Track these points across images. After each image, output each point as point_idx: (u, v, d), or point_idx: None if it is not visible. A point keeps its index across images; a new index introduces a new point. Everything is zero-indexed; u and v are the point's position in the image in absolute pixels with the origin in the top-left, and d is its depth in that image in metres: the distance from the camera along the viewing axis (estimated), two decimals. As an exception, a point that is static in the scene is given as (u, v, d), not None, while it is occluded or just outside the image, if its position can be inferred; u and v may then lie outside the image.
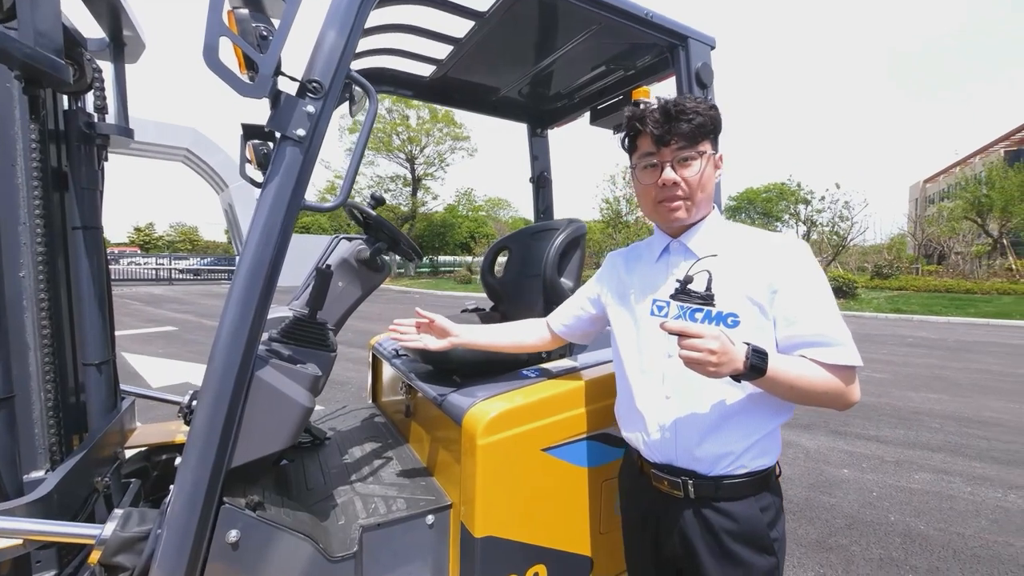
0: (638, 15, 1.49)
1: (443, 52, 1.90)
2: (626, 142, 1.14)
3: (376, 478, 1.56)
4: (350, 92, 1.50)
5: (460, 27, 1.70)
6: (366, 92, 1.21)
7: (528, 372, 1.54)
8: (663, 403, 1.09)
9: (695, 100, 1.04)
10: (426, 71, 2.07)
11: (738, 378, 0.92)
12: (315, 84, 1.07)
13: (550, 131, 2.64)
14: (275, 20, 1.09)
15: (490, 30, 1.64)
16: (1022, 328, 10.95)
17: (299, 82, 1.09)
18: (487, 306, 2.29)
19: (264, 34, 1.05)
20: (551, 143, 2.67)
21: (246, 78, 1.04)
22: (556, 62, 1.89)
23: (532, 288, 1.87)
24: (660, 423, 1.09)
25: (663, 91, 1.95)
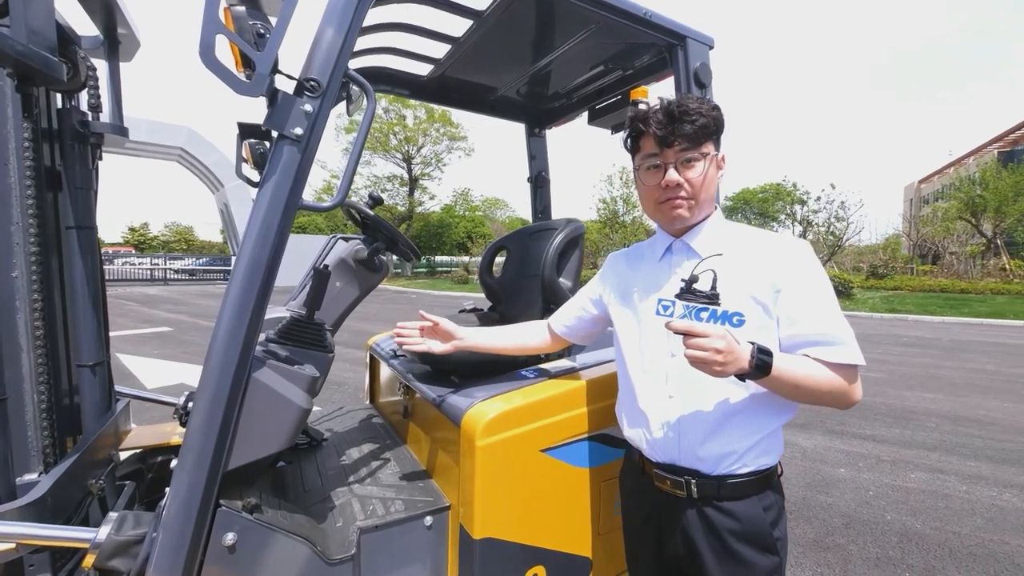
0: (637, 14, 1.49)
1: (441, 51, 1.90)
2: (629, 143, 1.14)
3: (374, 479, 1.55)
4: (347, 91, 1.49)
5: (458, 26, 1.69)
6: (364, 91, 1.20)
7: (527, 372, 1.54)
8: (666, 402, 1.08)
9: (698, 101, 1.03)
10: (424, 70, 2.06)
11: (743, 377, 0.92)
12: (313, 82, 1.06)
13: (548, 131, 2.64)
14: (272, 18, 1.07)
15: (488, 29, 1.64)
16: (1016, 328, 11.04)
17: (296, 80, 1.08)
18: (485, 306, 2.29)
19: (261, 32, 1.04)
20: (548, 143, 2.67)
21: (243, 76, 1.03)
22: (554, 61, 1.89)
23: (530, 288, 1.86)
24: (663, 422, 1.08)
25: (661, 91, 1.95)
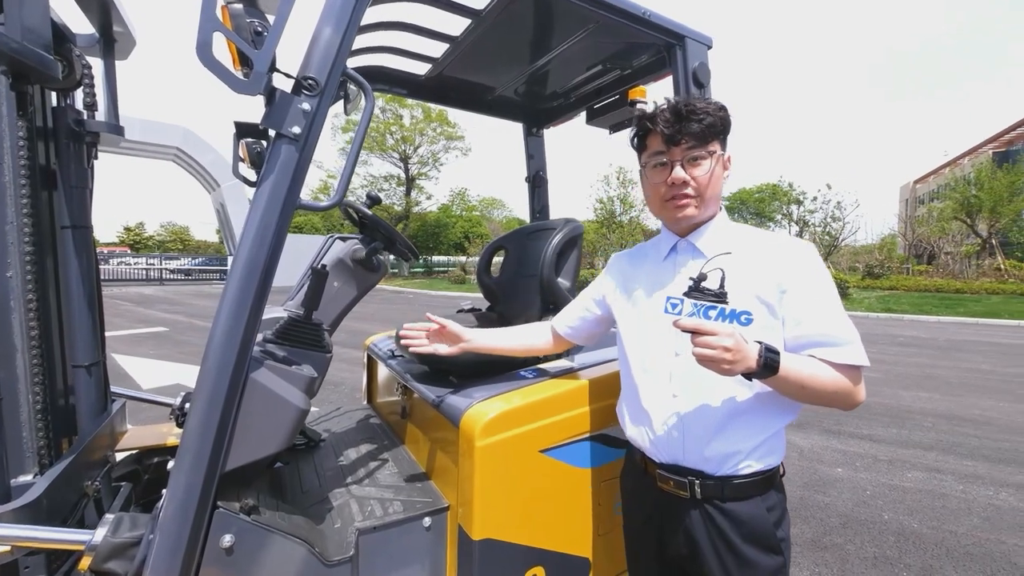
0: (636, 14, 1.49)
1: (439, 50, 1.89)
2: (636, 141, 1.14)
3: (372, 480, 1.55)
4: (345, 90, 1.48)
5: (456, 25, 1.69)
6: (362, 90, 1.19)
7: (525, 373, 1.53)
8: (670, 402, 1.08)
9: (705, 101, 1.05)
10: (421, 69, 2.05)
11: (750, 376, 0.92)
12: (311, 81, 1.06)
13: (545, 130, 2.63)
14: (270, 16, 1.07)
15: (486, 28, 1.63)
16: (1011, 327, 11.10)
17: (294, 79, 1.07)
18: (483, 306, 2.28)
19: (259, 30, 1.04)
20: (546, 142, 2.67)
21: (240, 74, 1.02)
22: (553, 61, 1.88)
23: (529, 288, 1.86)
24: (667, 422, 1.08)
25: (659, 91, 1.95)
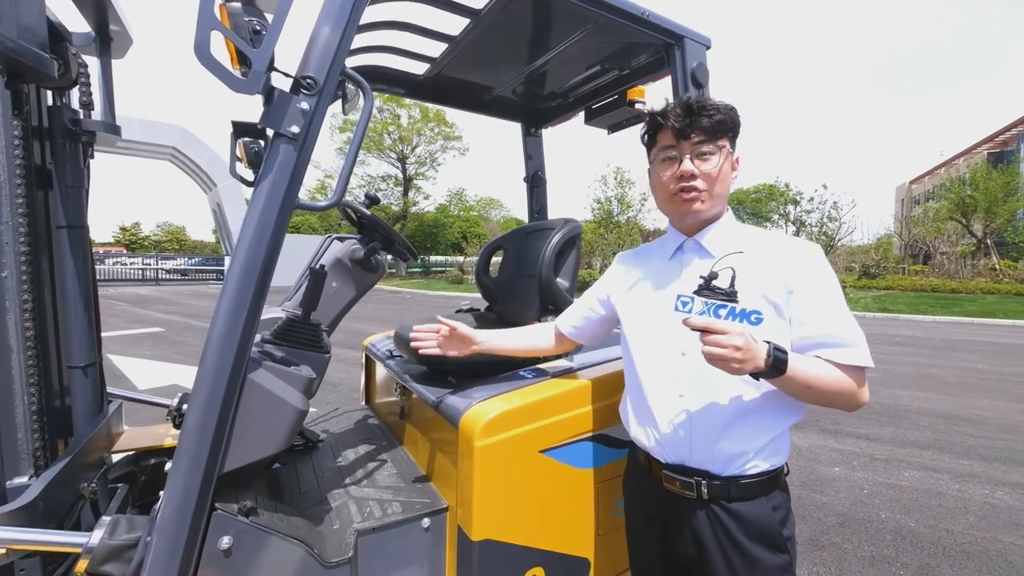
0: (635, 14, 1.49)
1: (437, 50, 1.89)
2: (646, 137, 1.15)
3: (371, 481, 1.54)
4: (343, 89, 1.48)
5: (455, 25, 1.68)
6: (361, 89, 1.19)
7: (524, 373, 1.53)
8: (676, 401, 1.08)
9: (716, 100, 1.06)
10: (420, 69, 2.05)
11: (757, 376, 0.92)
12: (309, 80, 1.05)
13: (544, 130, 2.63)
14: (268, 15, 1.06)
15: (485, 28, 1.63)
16: (1006, 327, 11.16)
17: (293, 78, 1.07)
18: (481, 306, 2.28)
19: (257, 29, 1.03)
20: (543, 142, 2.66)
21: (238, 73, 1.02)
22: (551, 61, 1.88)
23: (528, 288, 1.86)
24: (673, 422, 1.08)
25: (658, 91, 1.95)
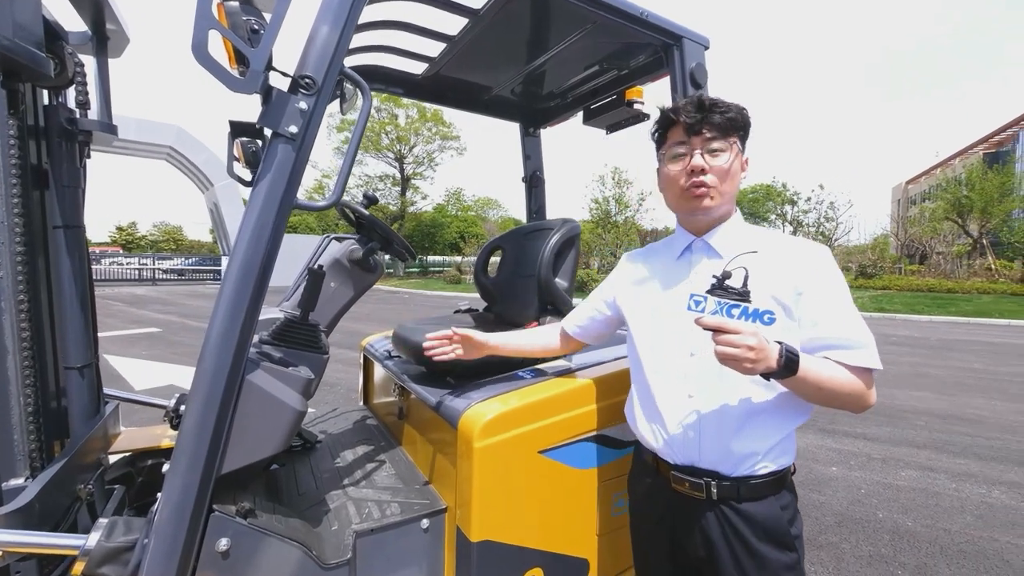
0: (634, 14, 1.49)
1: (436, 50, 1.88)
2: (656, 135, 1.15)
3: (369, 482, 1.54)
4: (341, 89, 1.47)
5: (454, 24, 1.68)
6: (360, 89, 1.19)
7: (523, 373, 1.53)
8: (685, 402, 1.07)
9: (727, 100, 1.06)
10: (418, 69, 2.04)
11: (768, 376, 0.92)
12: (308, 80, 1.05)
13: (542, 131, 2.63)
14: (266, 14, 1.06)
15: (484, 28, 1.63)
16: (1001, 327, 11.22)
17: (291, 78, 1.07)
18: (480, 306, 2.28)
19: (255, 28, 1.03)
20: (543, 142, 2.66)
21: (236, 73, 1.01)
22: (550, 61, 1.88)
23: (526, 288, 1.86)
24: (682, 423, 1.07)
25: (657, 91, 1.95)
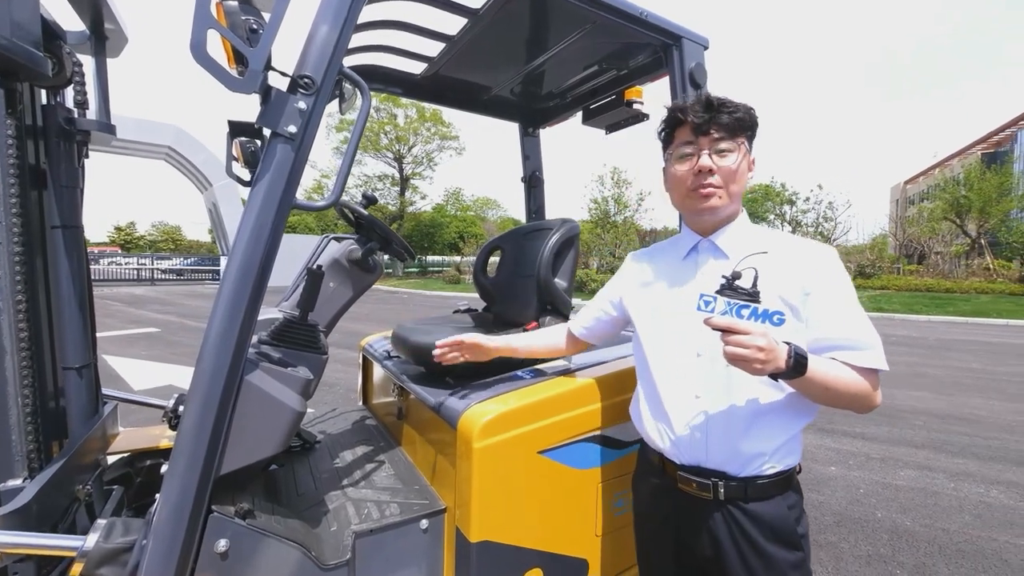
0: (633, 14, 1.49)
1: (435, 50, 1.88)
2: (663, 135, 1.14)
3: (368, 482, 1.54)
4: (340, 89, 1.47)
5: (453, 24, 1.68)
6: (359, 88, 1.18)
7: (523, 374, 1.53)
8: (692, 402, 1.07)
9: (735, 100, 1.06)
10: (417, 69, 2.04)
11: (776, 377, 0.92)
12: (307, 79, 1.05)
13: (541, 131, 2.63)
14: (265, 14, 1.06)
15: (483, 28, 1.63)
16: (999, 326, 11.25)
17: (290, 78, 1.06)
18: (479, 307, 2.28)
19: (254, 27, 1.02)
20: (542, 142, 2.66)
21: (235, 73, 1.01)
22: (549, 61, 1.88)
23: (526, 288, 1.86)
24: (689, 423, 1.07)
25: (656, 91, 1.95)
